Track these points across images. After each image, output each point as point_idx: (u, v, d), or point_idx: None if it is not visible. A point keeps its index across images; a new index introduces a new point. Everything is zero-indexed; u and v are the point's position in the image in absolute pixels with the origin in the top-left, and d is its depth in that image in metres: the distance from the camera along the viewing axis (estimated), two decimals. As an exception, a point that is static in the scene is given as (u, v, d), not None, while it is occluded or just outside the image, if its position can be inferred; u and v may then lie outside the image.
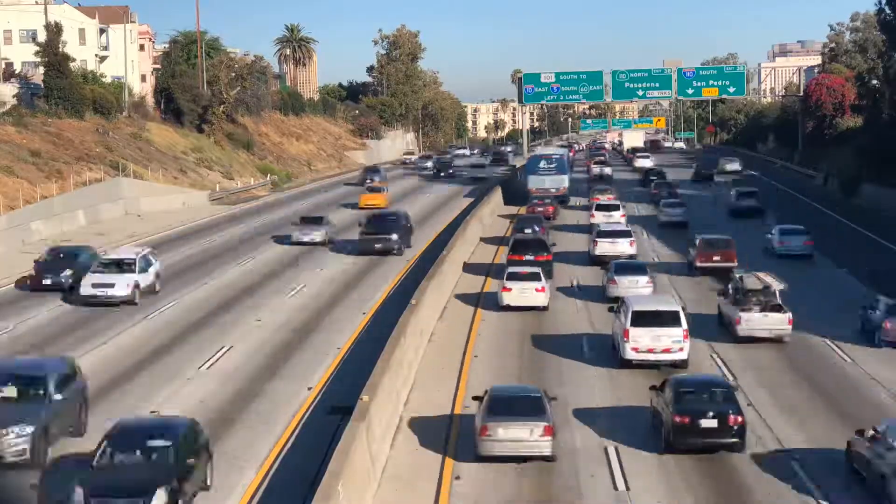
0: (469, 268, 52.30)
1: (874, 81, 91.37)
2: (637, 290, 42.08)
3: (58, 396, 26.24)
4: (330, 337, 38.08)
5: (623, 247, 51.98)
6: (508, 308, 41.61)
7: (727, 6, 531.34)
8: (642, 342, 32.71)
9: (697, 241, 50.85)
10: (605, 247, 52.10)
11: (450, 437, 27.12)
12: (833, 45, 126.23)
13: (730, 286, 39.12)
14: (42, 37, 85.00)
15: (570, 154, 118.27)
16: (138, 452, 22.25)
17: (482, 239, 61.69)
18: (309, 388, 31.44)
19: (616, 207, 65.23)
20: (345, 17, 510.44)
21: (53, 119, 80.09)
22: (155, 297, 44.74)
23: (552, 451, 24.95)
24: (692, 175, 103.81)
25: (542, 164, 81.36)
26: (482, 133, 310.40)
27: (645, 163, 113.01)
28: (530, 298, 41.56)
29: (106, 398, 30.62)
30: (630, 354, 32.88)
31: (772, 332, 36.65)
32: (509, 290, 41.61)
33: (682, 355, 32.92)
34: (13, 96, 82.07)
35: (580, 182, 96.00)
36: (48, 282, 45.53)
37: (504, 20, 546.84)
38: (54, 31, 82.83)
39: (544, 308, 41.73)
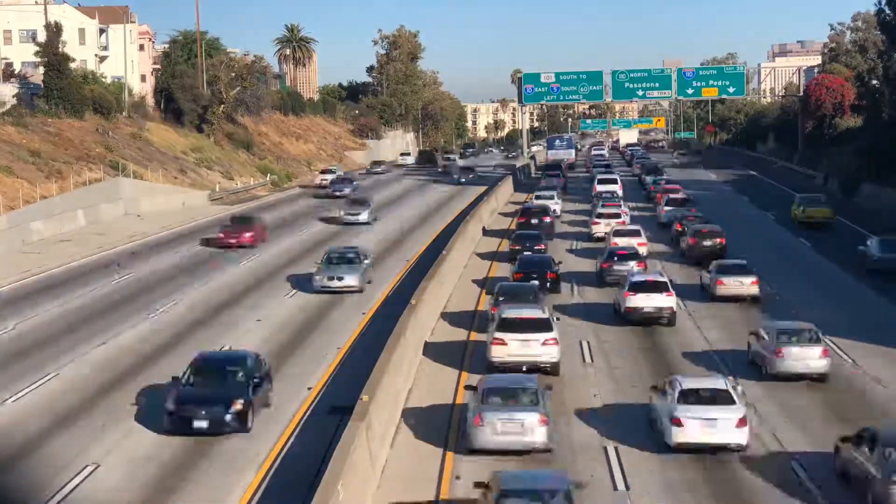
0: (469, 267, 52.30)
1: (874, 81, 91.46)
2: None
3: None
4: (330, 337, 38.07)
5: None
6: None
7: (727, 6, 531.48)
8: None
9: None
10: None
11: (450, 436, 27.12)
12: (833, 45, 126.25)
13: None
14: (42, 37, 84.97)
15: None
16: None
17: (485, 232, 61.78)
18: (309, 388, 31.44)
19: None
20: (345, 17, 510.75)
21: (53, 119, 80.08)
22: (155, 297, 44.75)
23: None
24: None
25: (557, 142, 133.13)
26: (482, 133, 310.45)
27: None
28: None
29: (105, 398, 30.64)
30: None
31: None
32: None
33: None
34: (13, 96, 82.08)
35: (580, 181, 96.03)
36: None
37: (504, 20, 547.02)
38: (54, 31, 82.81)
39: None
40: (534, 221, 61.55)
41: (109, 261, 54.66)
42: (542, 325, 32.54)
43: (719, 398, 25.93)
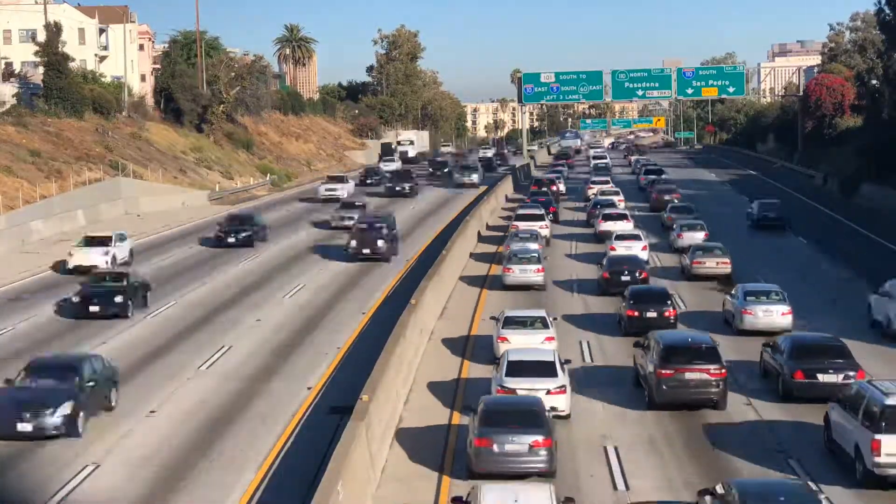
0: (469, 267, 52.31)
1: (874, 81, 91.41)
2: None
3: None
4: (330, 336, 38.07)
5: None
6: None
7: (727, 6, 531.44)
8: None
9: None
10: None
11: (449, 436, 27.12)
12: (833, 44, 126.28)
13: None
14: (41, 36, 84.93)
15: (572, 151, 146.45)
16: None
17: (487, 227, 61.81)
18: (309, 388, 31.44)
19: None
20: (344, 16, 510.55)
21: (53, 119, 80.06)
22: (154, 297, 44.73)
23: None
24: None
25: (567, 134, 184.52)
26: (482, 133, 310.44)
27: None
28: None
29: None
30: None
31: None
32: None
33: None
34: (13, 96, 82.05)
35: (579, 181, 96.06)
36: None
37: (504, 20, 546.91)
38: (54, 30, 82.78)
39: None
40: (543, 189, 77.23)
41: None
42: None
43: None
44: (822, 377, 29.56)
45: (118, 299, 40.55)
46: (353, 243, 53.36)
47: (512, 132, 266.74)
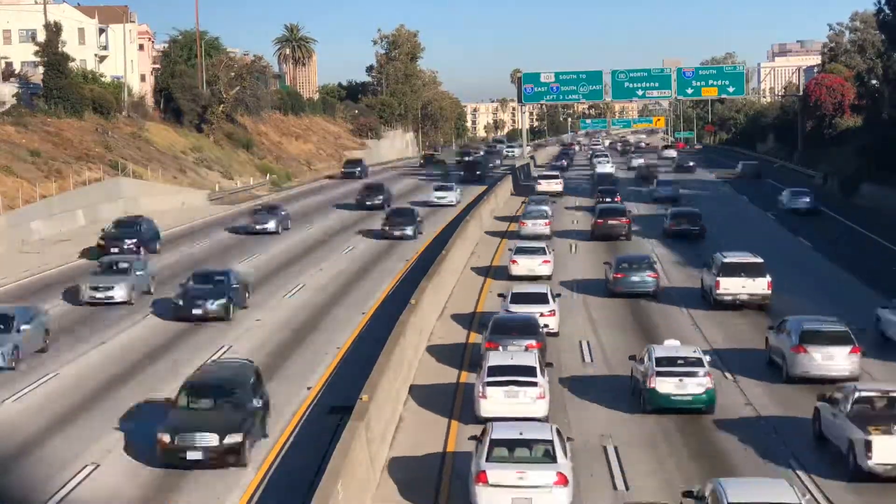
0: (469, 267, 52.31)
1: (874, 81, 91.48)
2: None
3: None
4: (329, 336, 38.07)
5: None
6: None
7: (727, 6, 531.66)
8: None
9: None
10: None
11: (449, 436, 27.12)
12: (832, 44, 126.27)
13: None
14: (41, 36, 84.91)
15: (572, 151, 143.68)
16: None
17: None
18: (308, 388, 31.44)
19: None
20: (344, 16, 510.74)
21: (53, 119, 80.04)
22: (154, 297, 44.72)
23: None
24: None
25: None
26: (482, 133, 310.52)
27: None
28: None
29: (106, 397, 30.63)
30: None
31: None
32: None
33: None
34: (12, 96, 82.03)
35: (580, 181, 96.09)
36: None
37: (504, 20, 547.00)
38: (53, 30, 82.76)
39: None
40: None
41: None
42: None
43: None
44: None
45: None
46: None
47: (512, 132, 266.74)
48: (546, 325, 35.29)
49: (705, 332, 38.63)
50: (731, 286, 41.42)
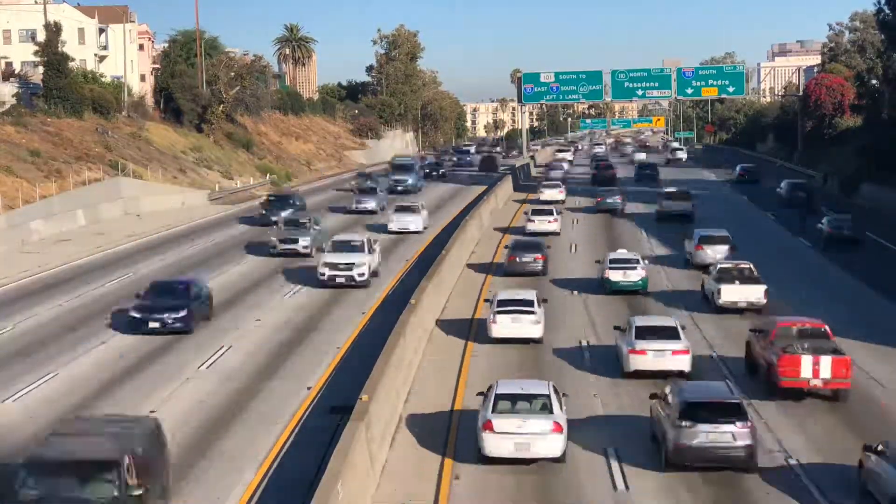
0: (469, 267, 52.30)
1: (873, 81, 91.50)
2: None
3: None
4: (329, 336, 38.05)
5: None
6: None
7: (727, 6, 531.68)
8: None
9: None
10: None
11: (449, 436, 27.11)
12: (832, 44, 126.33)
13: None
14: (41, 36, 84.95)
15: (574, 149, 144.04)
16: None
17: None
18: (308, 388, 31.43)
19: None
20: (344, 16, 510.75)
21: (53, 119, 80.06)
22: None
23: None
24: None
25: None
26: (482, 132, 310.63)
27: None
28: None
29: (105, 398, 30.62)
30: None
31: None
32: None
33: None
34: (12, 96, 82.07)
35: (580, 181, 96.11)
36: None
37: (504, 20, 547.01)
38: (53, 30, 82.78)
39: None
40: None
41: (109, 260, 54.70)
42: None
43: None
44: None
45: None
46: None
47: (512, 132, 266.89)
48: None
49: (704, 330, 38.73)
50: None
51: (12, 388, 31.42)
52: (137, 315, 37.81)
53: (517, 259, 49.55)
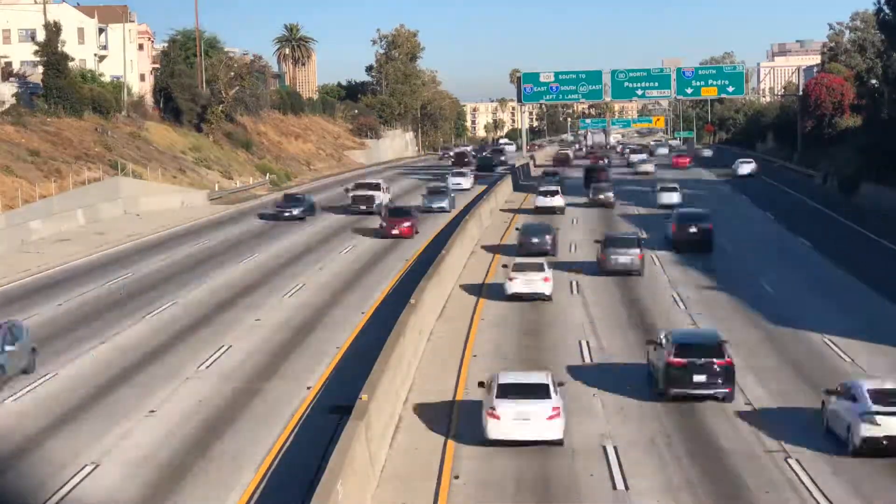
0: (469, 266, 52.30)
1: (873, 81, 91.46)
2: None
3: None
4: (329, 336, 38.04)
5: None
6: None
7: (726, 6, 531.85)
8: None
9: None
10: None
11: (449, 435, 27.11)
12: (832, 44, 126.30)
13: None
14: (41, 36, 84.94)
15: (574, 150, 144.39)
16: None
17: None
18: (308, 388, 31.41)
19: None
20: (344, 16, 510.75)
21: (52, 118, 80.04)
22: (154, 297, 44.72)
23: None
24: None
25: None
26: (482, 132, 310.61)
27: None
28: None
29: (105, 398, 30.61)
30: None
31: None
32: None
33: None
34: (12, 95, 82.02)
35: (579, 179, 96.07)
36: None
37: (504, 20, 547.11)
38: (53, 30, 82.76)
39: None
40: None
41: (108, 260, 54.70)
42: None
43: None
44: None
45: None
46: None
47: (511, 131, 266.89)
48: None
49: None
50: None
51: (12, 387, 31.37)
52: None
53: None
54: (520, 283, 42.98)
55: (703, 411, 29.18)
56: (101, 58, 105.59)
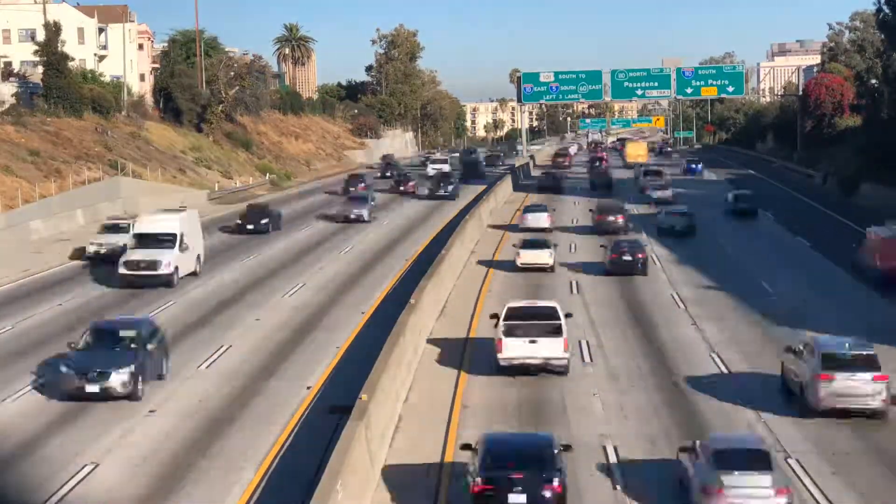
0: (468, 266, 52.32)
1: (873, 81, 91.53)
2: None
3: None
4: (329, 336, 38.04)
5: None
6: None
7: (726, 6, 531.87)
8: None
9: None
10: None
11: (449, 435, 27.11)
12: (832, 44, 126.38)
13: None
14: (41, 36, 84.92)
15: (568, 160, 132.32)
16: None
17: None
18: (308, 388, 31.41)
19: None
20: (343, 16, 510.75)
21: (52, 118, 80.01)
22: (153, 297, 44.72)
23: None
24: None
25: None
26: (481, 132, 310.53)
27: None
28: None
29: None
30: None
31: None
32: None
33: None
34: (12, 95, 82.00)
35: (579, 179, 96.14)
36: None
37: (503, 19, 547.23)
38: (53, 30, 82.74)
39: None
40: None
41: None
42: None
43: None
44: None
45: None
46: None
47: (511, 132, 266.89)
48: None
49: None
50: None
51: (11, 388, 31.36)
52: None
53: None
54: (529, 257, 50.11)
55: (704, 411, 29.19)
56: (101, 58, 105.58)
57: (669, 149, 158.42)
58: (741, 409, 29.43)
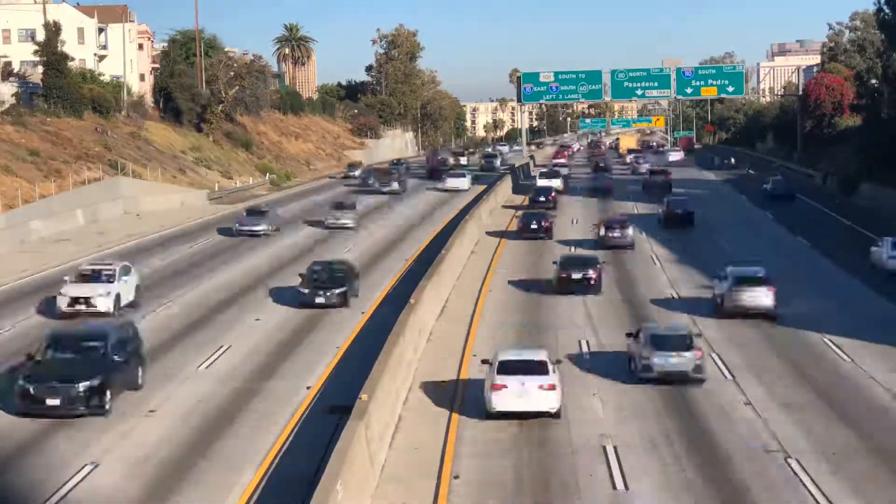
0: (469, 266, 52.31)
1: (873, 81, 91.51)
2: None
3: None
4: (329, 336, 38.04)
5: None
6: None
7: (726, 6, 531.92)
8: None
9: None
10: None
11: (448, 435, 27.11)
12: (832, 44, 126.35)
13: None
14: (41, 36, 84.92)
15: (570, 151, 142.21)
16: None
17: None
18: (308, 388, 31.41)
19: None
20: (344, 16, 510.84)
21: (52, 118, 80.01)
22: (153, 296, 44.72)
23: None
24: None
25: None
26: (481, 132, 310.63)
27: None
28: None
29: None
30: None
31: None
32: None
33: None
34: (12, 95, 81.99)
35: (578, 179, 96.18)
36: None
37: (503, 19, 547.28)
38: (53, 30, 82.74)
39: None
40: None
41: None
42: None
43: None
44: None
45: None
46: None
47: (511, 131, 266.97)
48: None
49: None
50: None
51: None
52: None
53: None
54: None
55: (704, 411, 29.20)
56: (101, 58, 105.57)
57: (662, 149, 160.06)
58: (740, 408, 29.46)
